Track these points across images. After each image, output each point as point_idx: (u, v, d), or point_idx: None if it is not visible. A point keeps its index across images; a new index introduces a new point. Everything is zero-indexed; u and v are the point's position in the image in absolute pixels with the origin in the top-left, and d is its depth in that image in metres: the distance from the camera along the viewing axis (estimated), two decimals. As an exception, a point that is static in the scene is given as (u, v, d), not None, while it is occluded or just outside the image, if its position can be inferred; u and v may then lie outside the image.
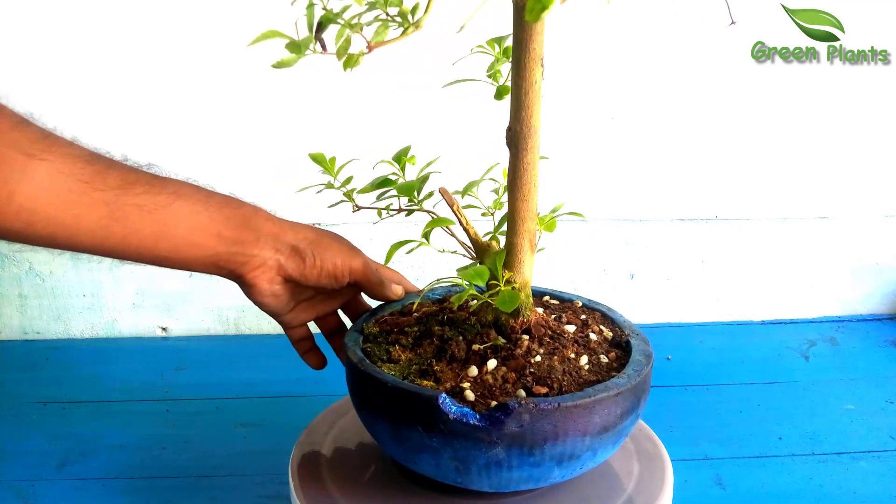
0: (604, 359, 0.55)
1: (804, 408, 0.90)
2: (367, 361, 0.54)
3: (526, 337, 0.55)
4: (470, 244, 0.60)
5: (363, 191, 0.60)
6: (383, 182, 0.60)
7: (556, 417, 0.48)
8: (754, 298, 1.15)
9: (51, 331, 1.11)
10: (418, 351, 0.56)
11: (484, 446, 0.48)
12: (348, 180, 0.61)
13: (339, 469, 0.59)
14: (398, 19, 0.37)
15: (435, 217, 0.58)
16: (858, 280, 1.16)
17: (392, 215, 0.61)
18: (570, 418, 0.48)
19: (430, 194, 0.60)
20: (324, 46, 0.39)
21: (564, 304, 0.65)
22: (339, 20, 0.38)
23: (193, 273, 1.08)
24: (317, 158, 0.60)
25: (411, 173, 0.61)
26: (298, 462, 0.60)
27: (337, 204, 0.62)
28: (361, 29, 0.38)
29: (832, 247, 1.14)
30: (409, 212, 0.61)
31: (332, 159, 0.60)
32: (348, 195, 0.61)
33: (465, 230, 0.59)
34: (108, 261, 1.08)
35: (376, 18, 0.38)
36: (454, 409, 0.48)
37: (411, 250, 0.59)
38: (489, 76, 0.59)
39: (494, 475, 0.50)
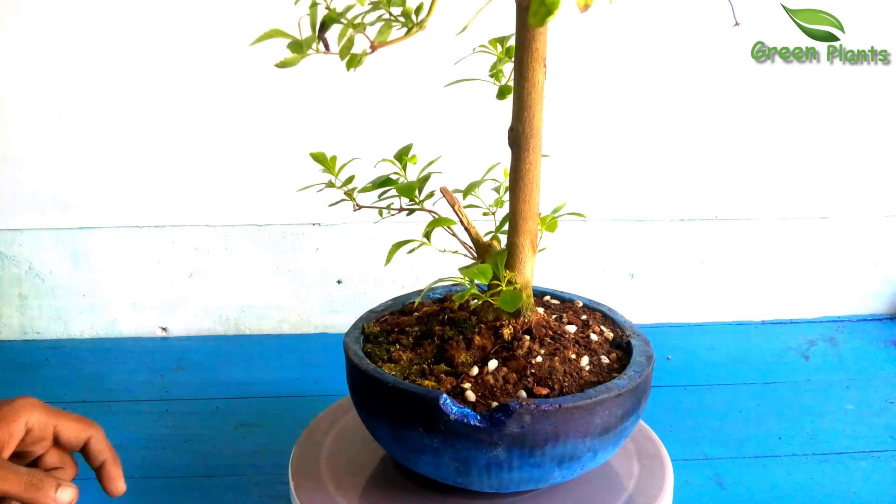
0: (605, 360, 0.55)
1: (804, 408, 0.90)
2: (368, 361, 0.54)
3: (527, 337, 0.55)
4: (471, 244, 0.60)
5: (364, 190, 0.60)
6: (384, 181, 0.60)
7: (557, 418, 0.48)
8: (754, 298, 1.15)
9: (51, 331, 1.11)
10: (419, 351, 0.56)
11: (485, 447, 0.48)
12: (349, 179, 0.61)
13: (339, 469, 0.59)
14: (402, 19, 0.37)
15: (436, 217, 0.58)
16: (858, 280, 1.16)
17: (393, 215, 0.61)
18: (571, 419, 0.48)
19: (432, 194, 0.60)
20: (327, 46, 0.39)
21: (565, 304, 0.65)
22: (342, 20, 0.38)
23: (193, 273, 1.08)
24: (317, 157, 0.59)
25: (413, 173, 0.61)
26: (298, 462, 0.60)
27: (338, 203, 0.62)
28: (364, 29, 0.38)
29: (832, 247, 1.14)
30: (410, 211, 0.61)
31: (333, 158, 0.60)
32: (349, 194, 0.61)
33: (467, 230, 0.59)
34: (108, 261, 1.08)
35: (379, 18, 0.38)
36: (455, 409, 0.48)
37: (412, 250, 0.58)
38: (491, 76, 0.59)
39: (495, 476, 0.50)
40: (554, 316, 0.60)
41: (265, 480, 0.76)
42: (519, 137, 0.52)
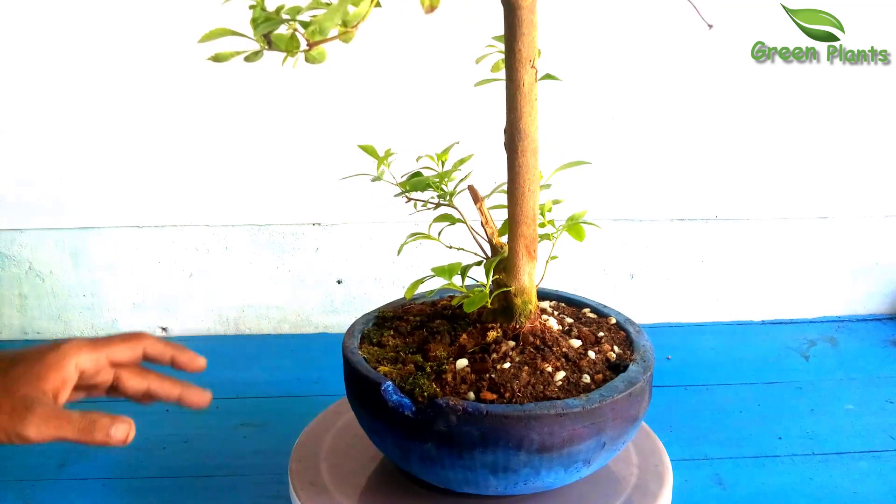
0: (586, 379, 0.52)
1: (804, 408, 0.90)
2: (352, 341, 0.56)
3: (511, 343, 0.54)
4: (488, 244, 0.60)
5: (402, 185, 0.61)
6: (415, 175, 0.61)
7: (484, 425, 0.47)
8: (754, 298, 1.15)
9: (51, 331, 1.11)
10: (408, 340, 0.58)
11: (418, 439, 0.49)
12: (381, 175, 0.62)
13: (338, 469, 0.59)
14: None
15: (453, 213, 0.59)
16: (858, 280, 1.16)
17: (429, 209, 0.62)
18: (500, 429, 0.47)
19: (455, 191, 0.61)
20: (269, 44, 0.40)
21: (600, 318, 0.63)
22: (281, 19, 0.38)
23: (193, 272, 1.08)
24: (368, 150, 0.60)
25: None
26: (298, 462, 0.60)
27: (400, 195, 0.62)
28: (307, 27, 0.38)
29: (832, 247, 1.14)
30: (436, 206, 0.61)
31: (388, 151, 0.60)
32: (403, 186, 0.61)
33: (484, 228, 0.59)
34: (108, 261, 1.08)
35: (313, 20, 0.38)
36: (394, 397, 0.49)
37: (405, 243, 0.59)
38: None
39: (431, 471, 0.51)
40: (567, 327, 0.59)
41: (265, 480, 0.76)
42: (509, 140, 0.51)
